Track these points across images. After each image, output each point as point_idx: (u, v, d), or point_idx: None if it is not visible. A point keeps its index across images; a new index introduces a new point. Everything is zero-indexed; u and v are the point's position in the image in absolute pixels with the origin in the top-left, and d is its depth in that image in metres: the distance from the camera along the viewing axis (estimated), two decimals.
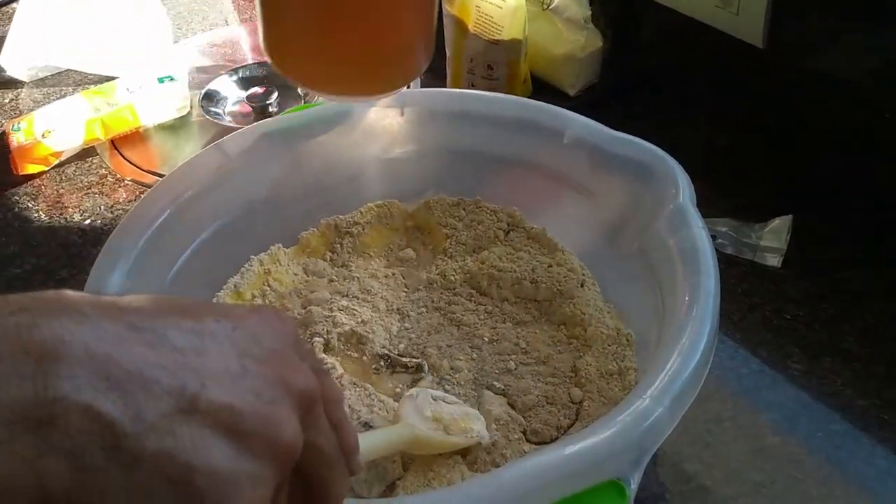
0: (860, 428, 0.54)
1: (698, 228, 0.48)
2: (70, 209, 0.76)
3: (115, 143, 0.83)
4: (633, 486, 0.38)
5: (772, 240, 0.68)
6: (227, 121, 0.87)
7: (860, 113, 0.70)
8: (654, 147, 0.55)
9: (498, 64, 0.79)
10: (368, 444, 0.40)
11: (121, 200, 0.77)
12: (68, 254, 0.71)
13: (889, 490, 0.51)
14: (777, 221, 0.69)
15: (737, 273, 0.66)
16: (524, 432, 0.49)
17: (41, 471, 0.20)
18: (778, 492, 0.51)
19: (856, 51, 0.70)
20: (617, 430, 0.38)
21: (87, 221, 0.74)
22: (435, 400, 0.47)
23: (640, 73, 0.88)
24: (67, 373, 0.21)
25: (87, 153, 0.82)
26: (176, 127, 0.85)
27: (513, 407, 0.50)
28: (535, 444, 0.49)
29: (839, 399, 0.57)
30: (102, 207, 0.76)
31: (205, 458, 0.23)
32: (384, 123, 0.63)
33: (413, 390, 0.49)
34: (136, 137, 0.84)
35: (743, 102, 0.81)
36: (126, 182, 0.79)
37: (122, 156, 0.81)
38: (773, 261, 0.67)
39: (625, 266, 0.54)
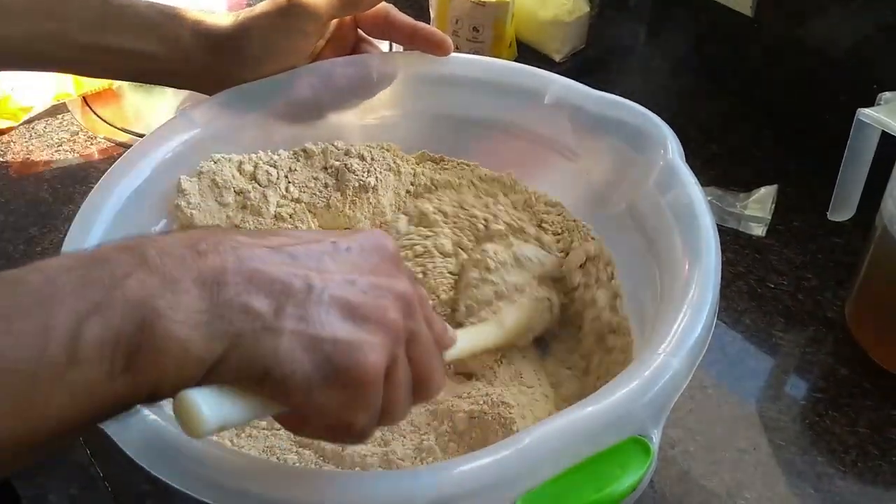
0: (843, 396, 0.54)
1: (691, 185, 0.47)
2: (40, 166, 0.74)
3: (87, 100, 0.80)
4: (656, 442, 0.37)
5: (757, 209, 0.67)
6: None
7: (847, 83, 0.69)
8: (639, 106, 0.53)
9: (483, 26, 0.78)
10: (462, 340, 0.43)
11: (93, 158, 0.74)
12: (38, 212, 0.69)
13: (870, 457, 0.51)
14: (762, 191, 0.68)
15: (721, 242, 0.64)
16: None
17: (212, 345, 0.30)
18: (761, 458, 0.51)
19: (844, 21, 0.70)
20: (635, 386, 0.37)
21: (58, 179, 0.72)
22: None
23: (627, 40, 0.87)
24: (231, 287, 0.30)
25: (57, 109, 0.79)
26: (150, 85, 0.82)
27: None
28: None
29: (822, 367, 0.57)
30: (74, 165, 0.74)
31: (329, 330, 0.31)
32: (360, 88, 0.60)
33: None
34: (108, 94, 0.81)
35: (730, 71, 0.80)
36: (99, 140, 0.76)
37: (95, 113, 0.79)
38: (758, 230, 0.67)
39: (612, 227, 0.53)
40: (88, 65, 0.59)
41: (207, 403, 0.30)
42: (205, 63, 0.56)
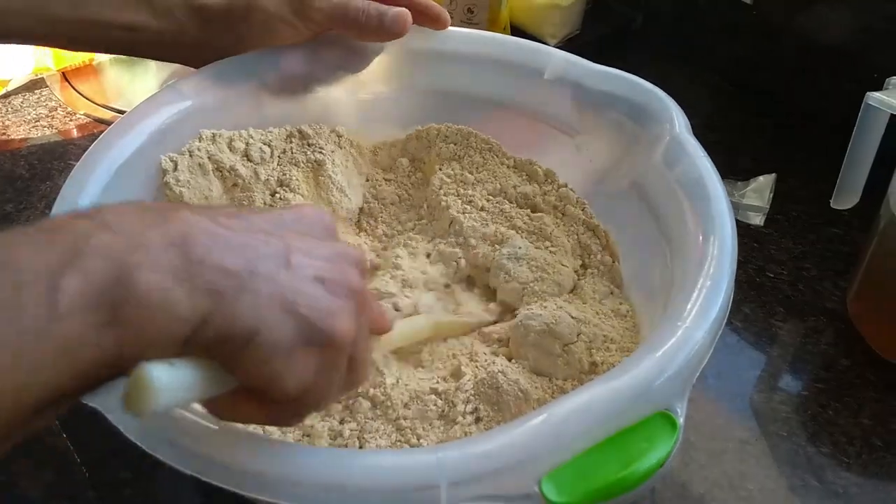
0: (845, 387, 0.53)
1: (700, 157, 0.46)
2: (17, 142, 0.71)
3: (67, 75, 0.77)
4: (682, 416, 0.35)
5: (754, 198, 0.66)
6: None
7: (847, 71, 0.68)
8: (642, 81, 0.52)
9: (478, 7, 0.76)
10: (397, 330, 0.43)
11: (72, 135, 0.72)
12: (14, 188, 0.66)
13: (874, 448, 0.50)
14: (760, 179, 0.67)
15: None
16: None
17: (195, 302, 0.28)
18: (763, 449, 0.50)
19: (844, 8, 0.69)
20: (659, 359, 0.36)
21: (36, 155, 0.69)
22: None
23: (623, 26, 0.86)
24: (201, 247, 0.29)
25: (35, 84, 0.77)
26: (131, 60, 0.80)
27: None
28: None
29: (823, 358, 0.55)
30: (53, 142, 0.71)
31: (304, 294, 0.30)
32: (353, 63, 0.58)
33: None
34: (88, 70, 0.78)
35: (728, 60, 0.79)
36: (78, 116, 0.74)
37: (74, 88, 0.76)
38: (756, 220, 0.65)
39: (616, 205, 0.52)
40: (70, 39, 0.56)
41: (164, 374, 0.28)
42: (197, 37, 0.54)
